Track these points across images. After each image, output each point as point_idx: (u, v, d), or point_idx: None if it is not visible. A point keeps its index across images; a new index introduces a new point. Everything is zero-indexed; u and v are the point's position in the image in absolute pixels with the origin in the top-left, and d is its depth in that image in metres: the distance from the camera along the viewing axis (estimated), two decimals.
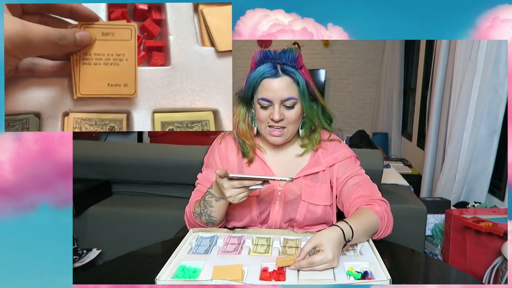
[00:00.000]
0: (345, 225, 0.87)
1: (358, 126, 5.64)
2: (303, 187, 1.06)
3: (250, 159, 1.08)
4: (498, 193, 2.32)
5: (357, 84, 5.83)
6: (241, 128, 1.06)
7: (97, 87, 0.81)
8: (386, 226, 0.97)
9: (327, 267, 0.79)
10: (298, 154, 1.09)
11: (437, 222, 2.27)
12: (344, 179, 1.06)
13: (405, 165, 3.88)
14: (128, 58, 0.82)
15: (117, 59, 0.82)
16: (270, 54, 0.98)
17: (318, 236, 0.82)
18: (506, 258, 1.55)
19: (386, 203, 1.02)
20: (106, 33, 0.81)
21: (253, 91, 1.01)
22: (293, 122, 1.01)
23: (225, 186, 0.90)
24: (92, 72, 0.80)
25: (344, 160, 1.08)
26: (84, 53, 0.80)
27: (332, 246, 0.80)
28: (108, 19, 0.88)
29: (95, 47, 0.80)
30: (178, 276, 0.78)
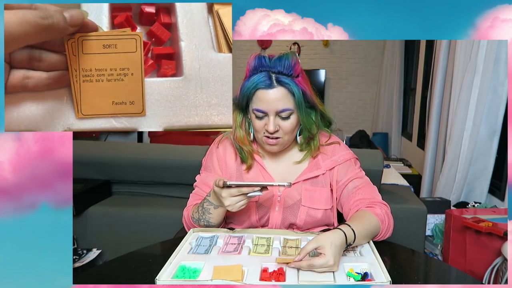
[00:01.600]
0: (348, 229, 0.86)
1: (358, 126, 5.64)
2: (303, 191, 1.06)
3: (249, 165, 1.07)
4: (498, 193, 2.32)
5: (357, 84, 5.83)
6: (238, 134, 1.04)
7: (101, 106, 0.73)
8: (386, 228, 0.97)
9: (327, 270, 0.79)
10: (296, 161, 1.08)
11: (437, 222, 2.27)
12: (344, 182, 1.06)
13: (405, 165, 3.87)
14: (134, 72, 0.74)
15: (121, 74, 0.73)
16: (265, 61, 0.93)
17: (321, 238, 0.82)
18: (506, 258, 1.55)
19: (386, 206, 1.02)
20: (107, 45, 0.72)
21: (248, 101, 0.98)
22: (289, 132, 0.99)
23: (224, 195, 0.89)
24: (94, 90, 0.73)
25: (344, 162, 1.07)
26: (84, 69, 0.72)
27: (334, 251, 0.79)
28: (111, 25, 0.80)
29: (96, 62, 0.72)
30: (178, 276, 0.78)
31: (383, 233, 0.97)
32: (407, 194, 1.93)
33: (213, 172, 1.10)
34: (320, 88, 5.56)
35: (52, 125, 0.74)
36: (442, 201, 2.35)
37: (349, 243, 0.85)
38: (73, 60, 0.72)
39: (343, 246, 0.83)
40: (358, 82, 5.82)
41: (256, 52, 0.98)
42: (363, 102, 5.88)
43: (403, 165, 3.89)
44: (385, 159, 3.87)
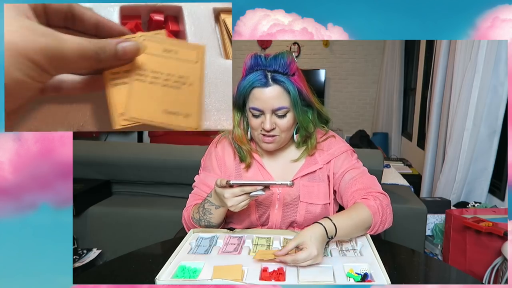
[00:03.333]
0: (328, 222, 0.88)
1: (358, 126, 5.65)
2: (301, 187, 1.06)
3: (247, 164, 1.07)
4: (498, 193, 2.32)
5: (357, 84, 5.83)
6: (236, 133, 1.05)
7: (150, 112, 0.65)
8: (381, 220, 0.96)
9: (312, 263, 0.80)
10: (294, 159, 1.08)
11: (437, 222, 2.27)
12: (340, 174, 1.06)
13: (405, 165, 3.87)
14: (193, 83, 0.67)
15: (178, 81, 0.67)
16: (261, 60, 0.94)
17: (301, 235, 0.83)
18: (506, 258, 1.55)
19: (384, 195, 1.01)
20: (169, 49, 0.67)
21: (244, 100, 0.99)
22: (286, 130, 1.00)
23: (226, 195, 0.89)
24: (145, 92, 0.65)
25: (340, 155, 1.08)
26: (139, 68, 0.65)
27: (316, 243, 0.81)
28: None
29: (153, 64, 0.66)
30: (178, 276, 0.78)
31: (378, 226, 0.96)
32: (407, 194, 1.93)
33: (212, 172, 1.10)
34: (320, 88, 5.56)
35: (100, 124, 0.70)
36: (442, 201, 2.35)
37: (330, 237, 0.86)
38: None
39: (324, 238, 0.85)
40: (358, 82, 5.82)
41: (252, 52, 0.99)
42: (363, 102, 5.88)
43: (403, 165, 3.89)
44: (385, 159, 3.87)
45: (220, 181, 0.90)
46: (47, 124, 0.67)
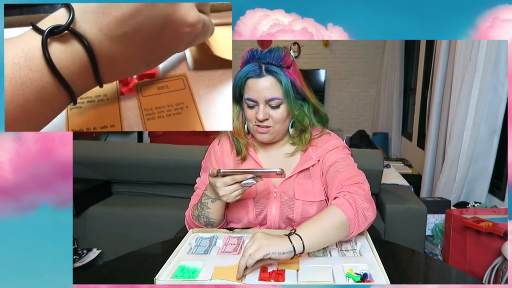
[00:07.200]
0: (297, 241, 0.79)
1: (358, 126, 5.65)
2: (296, 185, 1.06)
3: (243, 156, 1.09)
4: (498, 193, 2.32)
5: (357, 84, 5.83)
6: (235, 126, 1.07)
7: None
8: (356, 217, 0.86)
9: (266, 252, 0.75)
10: (288, 154, 1.09)
11: (437, 222, 2.27)
12: (327, 167, 1.04)
13: (405, 165, 3.88)
14: (188, 105, 0.83)
15: (178, 108, 0.83)
16: (257, 53, 0.98)
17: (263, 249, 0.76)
18: (506, 258, 1.55)
19: (358, 185, 0.92)
20: (161, 86, 0.84)
21: (240, 91, 1.02)
22: (279, 122, 1.01)
23: (218, 184, 0.90)
24: (159, 126, 0.81)
25: (333, 149, 1.07)
26: (146, 109, 0.82)
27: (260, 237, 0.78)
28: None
29: (153, 101, 0.82)
30: (178, 276, 0.78)
31: (356, 224, 0.86)
32: (407, 194, 1.93)
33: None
34: (320, 88, 5.56)
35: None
36: (442, 201, 2.35)
37: (297, 253, 0.78)
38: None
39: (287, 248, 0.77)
40: (358, 82, 5.83)
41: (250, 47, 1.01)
42: (363, 102, 5.88)
43: (403, 165, 3.89)
44: (385, 159, 3.87)
45: (212, 170, 0.90)
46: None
